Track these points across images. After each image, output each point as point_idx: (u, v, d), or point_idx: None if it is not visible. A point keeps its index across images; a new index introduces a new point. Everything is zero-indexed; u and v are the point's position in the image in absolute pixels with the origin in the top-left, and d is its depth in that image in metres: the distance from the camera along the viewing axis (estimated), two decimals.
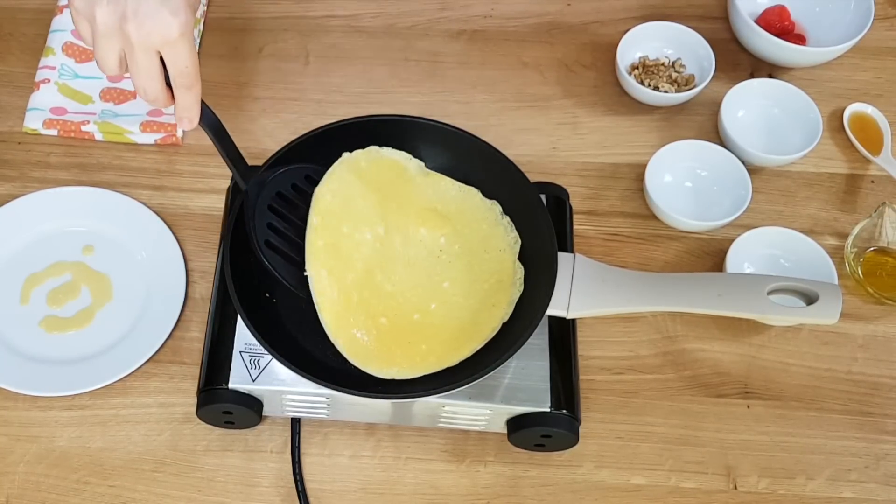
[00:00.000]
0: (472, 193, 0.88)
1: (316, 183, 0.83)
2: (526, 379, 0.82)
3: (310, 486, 0.85)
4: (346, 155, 0.85)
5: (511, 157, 0.87)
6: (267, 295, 0.84)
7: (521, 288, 0.84)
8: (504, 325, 0.82)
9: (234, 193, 0.91)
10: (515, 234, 0.87)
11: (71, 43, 1.07)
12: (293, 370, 0.76)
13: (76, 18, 0.72)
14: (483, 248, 0.85)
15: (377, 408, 0.84)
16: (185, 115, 0.75)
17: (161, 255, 0.95)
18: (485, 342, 0.81)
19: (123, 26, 0.69)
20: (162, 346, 0.90)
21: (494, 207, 0.88)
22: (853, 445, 0.89)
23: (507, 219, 0.88)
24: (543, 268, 0.83)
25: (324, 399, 0.82)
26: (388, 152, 0.87)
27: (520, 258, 0.85)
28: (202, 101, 0.76)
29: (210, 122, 0.77)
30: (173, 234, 0.96)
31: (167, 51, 0.71)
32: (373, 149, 0.87)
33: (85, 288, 0.93)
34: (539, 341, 0.83)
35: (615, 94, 1.08)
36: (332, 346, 0.82)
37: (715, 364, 0.93)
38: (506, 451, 0.87)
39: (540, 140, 1.05)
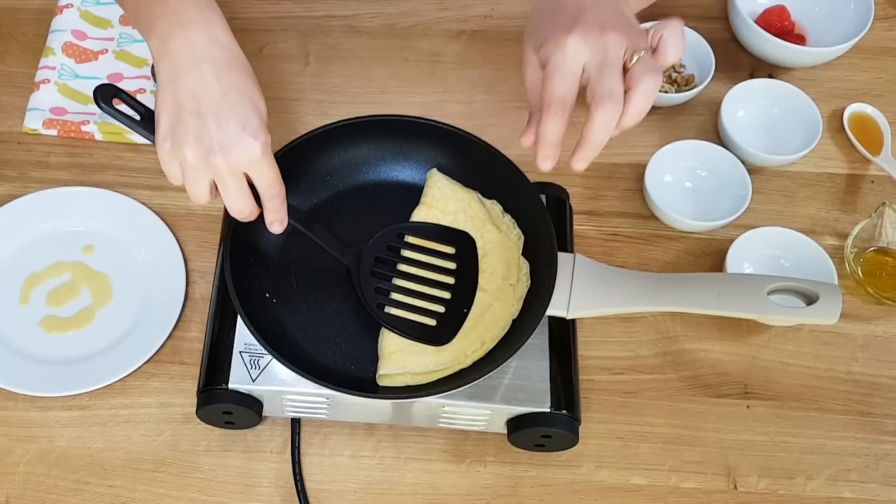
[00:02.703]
0: (471, 196, 0.88)
1: (404, 239, 0.85)
2: (526, 379, 0.82)
3: (310, 486, 0.85)
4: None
5: (511, 157, 0.87)
6: (267, 295, 0.84)
7: (529, 283, 0.84)
8: None
9: None
10: (518, 230, 0.87)
11: (71, 43, 1.07)
12: (293, 370, 0.76)
13: (165, 161, 0.75)
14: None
15: (377, 408, 0.84)
16: (275, 220, 0.80)
17: (161, 255, 0.95)
18: (496, 341, 0.81)
19: (211, 159, 0.73)
20: (162, 346, 0.90)
21: (494, 207, 0.88)
22: (853, 445, 0.89)
23: (509, 216, 0.88)
24: (543, 268, 0.83)
25: (324, 399, 0.82)
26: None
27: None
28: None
29: (298, 216, 0.81)
30: (173, 234, 0.96)
31: (253, 171, 0.75)
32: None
33: (85, 288, 0.93)
34: (539, 341, 0.83)
35: None
36: (332, 346, 0.83)
37: (715, 364, 0.93)
38: (506, 451, 0.87)
39: None
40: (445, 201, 0.88)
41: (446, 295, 0.83)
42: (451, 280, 0.84)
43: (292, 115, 1.05)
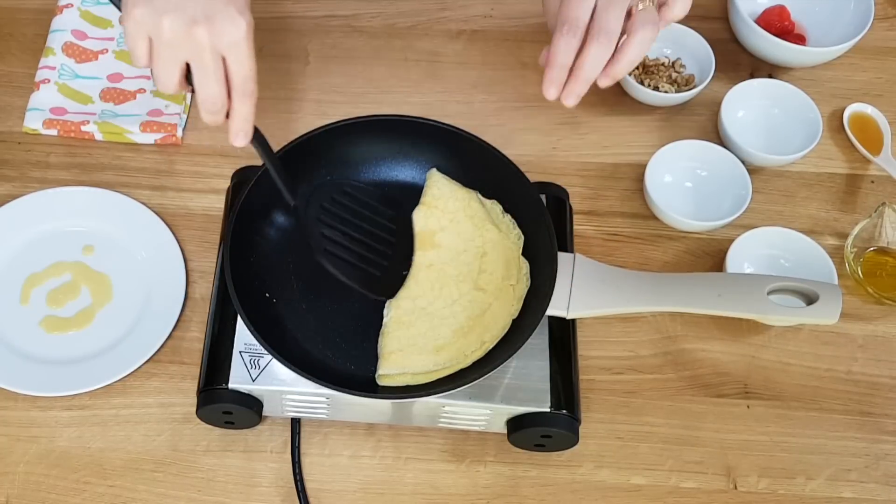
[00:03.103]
0: (471, 196, 0.88)
1: (352, 196, 0.86)
2: (526, 379, 0.82)
3: (310, 486, 0.85)
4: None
5: (511, 157, 0.87)
6: (267, 295, 0.84)
7: (528, 283, 0.84)
8: None
9: (233, 193, 0.91)
10: (518, 230, 0.87)
11: (71, 43, 1.07)
12: (293, 370, 0.76)
13: (132, 34, 0.71)
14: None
15: (377, 408, 0.84)
16: (242, 129, 0.75)
17: (161, 255, 0.95)
18: (496, 341, 0.81)
19: (194, 31, 0.69)
20: (162, 346, 0.90)
21: (494, 207, 0.88)
22: (853, 445, 0.89)
23: (509, 217, 0.88)
24: (543, 268, 0.83)
25: (324, 399, 0.82)
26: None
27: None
28: None
29: (261, 139, 0.78)
30: (173, 234, 0.96)
31: (233, 53, 0.71)
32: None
33: (85, 288, 0.93)
34: (539, 341, 0.83)
35: (615, 94, 1.08)
36: (332, 346, 0.83)
37: (715, 364, 0.93)
38: (506, 451, 0.87)
39: (540, 140, 1.05)
40: (445, 201, 0.88)
41: (388, 251, 0.85)
42: (391, 239, 0.86)
43: (292, 115, 1.05)
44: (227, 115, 0.74)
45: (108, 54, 1.08)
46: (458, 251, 0.86)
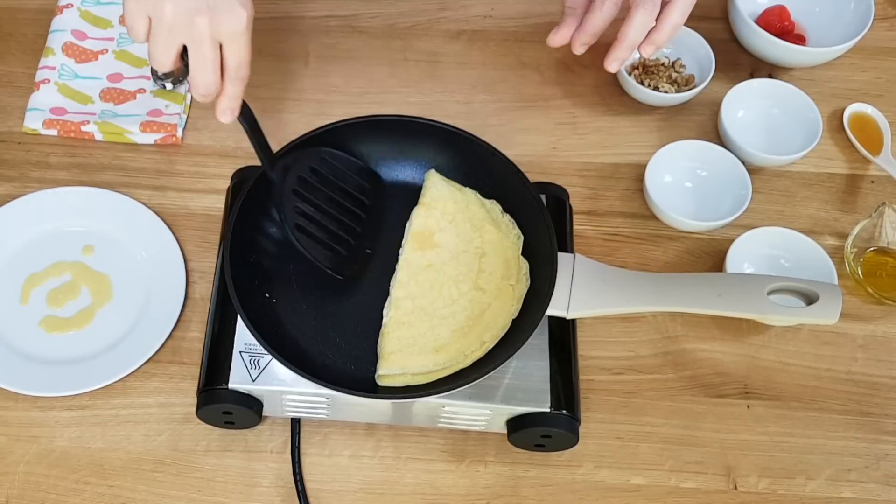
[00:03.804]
0: (470, 197, 0.88)
1: (331, 165, 0.87)
2: (526, 379, 0.82)
3: (310, 486, 0.85)
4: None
5: (511, 157, 0.87)
6: (267, 295, 0.84)
7: (528, 282, 0.84)
8: None
9: (233, 193, 0.91)
10: (518, 230, 0.87)
11: (71, 43, 1.07)
12: (293, 370, 0.76)
13: (133, 12, 0.71)
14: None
15: (377, 408, 0.84)
16: (230, 107, 0.76)
17: (161, 255, 0.95)
18: (496, 341, 0.81)
19: (195, 18, 0.69)
20: (162, 346, 0.90)
21: (494, 207, 0.88)
22: (853, 445, 0.89)
23: (508, 216, 0.88)
24: (543, 268, 0.83)
25: (324, 399, 0.82)
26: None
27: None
28: None
29: (246, 114, 0.79)
30: (173, 234, 0.96)
31: (231, 43, 0.72)
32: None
33: (85, 288, 0.93)
34: (539, 341, 0.83)
35: (615, 94, 1.08)
36: (332, 346, 0.83)
37: (715, 364, 0.93)
38: (506, 451, 0.87)
39: (540, 140, 1.05)
40: (444, 201, 0.88)
41: (357, 228, 0.86)
42: (362, 214, 0.87)
43: (292, 115, 1.05)
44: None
45: (108, 54, 1.08)
46: (458, 251, 0.86)
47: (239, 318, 0.80)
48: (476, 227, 0.87)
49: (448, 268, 0.85)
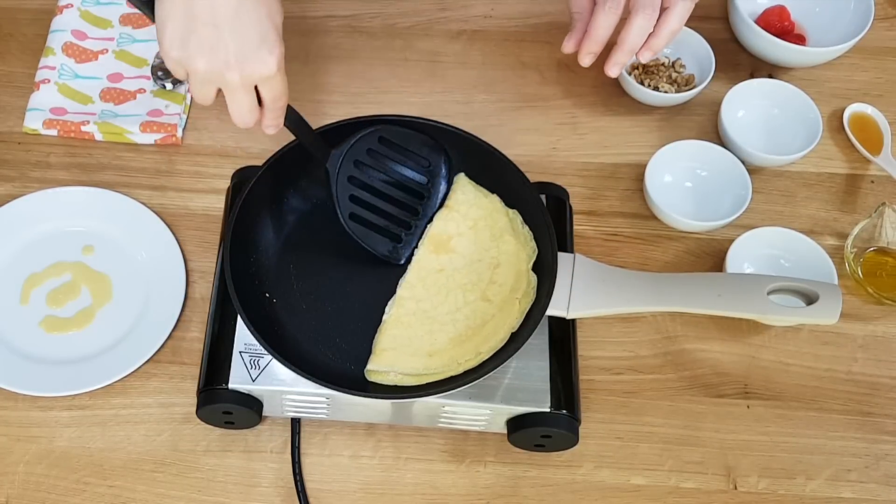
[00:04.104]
0: (495, 205, 0.88)
1: (389, 142, 0.87)
2: (526, 379, 0.82)
3: (310, 486, 0.85)
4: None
5: (511, 157, 0.87)
6: (267, 295, 0.84)
7: (534, 297, 0.83)
8: None
9: (233, 193, 0.91)
10: (534, 244, 0.86)
11: (71, 43, 1.07)
12: (293, 370, 0.76)
13: (173, 69, 0.74)
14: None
15: (377, 408, 0.84)
16: (274, 125, 0.78)
17: (161, 255, 0.95)
18: (492, 353, 0.80)
19: (226, 73, 0.71)
20: (162, 346, 0.90)
21: (515, 217, 0.87)
22: (853, 445, 0.89)
23: (527, 228, 0.87)
24: (543, 268, 0.83)
25: (324, 399, 0.82)
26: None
27: None
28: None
29: (292, 119, 0.80)
30: (173, 234, 0.96)
31: (265, 85, 0.74)
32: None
33: (85, 288, 0.93)
34: (539, 341, 0.83)
35: (615, 94, 1.08)
36: (332, 346, 0.83)
37: (715, 364, 0.93)
38: (506, 451, 0.87)
39: (540, 140, 1.05)
40: (468, 206, 0.87)
41: (417, 207, 0.88)
42: (423, 193, 0.88)
43: None
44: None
45: (108, 54, 1.08)
46: (473, 259, 0.85)
47: (239, 318, 0.80)
48: (495, 236, 0.86)
49: (459, 275, 0.85)
